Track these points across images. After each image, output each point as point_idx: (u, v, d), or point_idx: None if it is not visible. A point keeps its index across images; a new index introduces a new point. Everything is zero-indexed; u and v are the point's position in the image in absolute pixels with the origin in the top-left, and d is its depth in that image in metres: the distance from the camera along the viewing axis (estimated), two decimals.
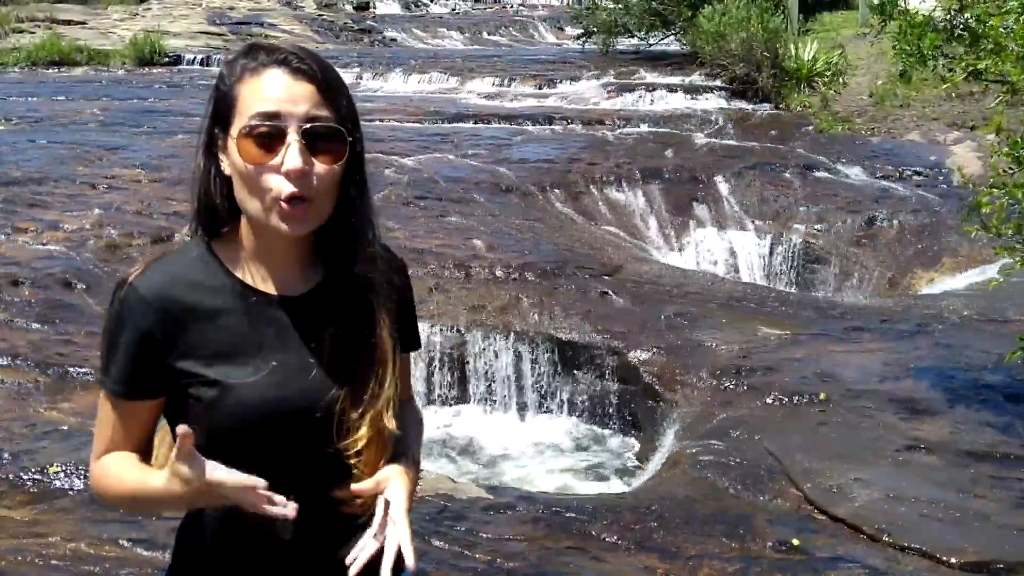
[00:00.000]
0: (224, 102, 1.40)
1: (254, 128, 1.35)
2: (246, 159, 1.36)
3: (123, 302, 1.39)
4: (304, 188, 1.36)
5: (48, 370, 4.43)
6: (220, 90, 1.42)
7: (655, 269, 6.35)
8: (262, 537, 1.41)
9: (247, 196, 1.38)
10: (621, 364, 5.04)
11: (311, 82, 1.38)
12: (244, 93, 1.38)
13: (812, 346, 5.05)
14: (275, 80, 1.37)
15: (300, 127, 1.36)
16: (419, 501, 3.65)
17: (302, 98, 1.37)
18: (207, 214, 1.45)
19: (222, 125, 1.41)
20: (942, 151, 8.49)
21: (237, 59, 1.42)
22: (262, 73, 1.38)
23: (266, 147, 1.36)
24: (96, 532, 3.21)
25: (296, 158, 1.34)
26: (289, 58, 1.39)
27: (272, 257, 1.44)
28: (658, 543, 3.39)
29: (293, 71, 1.38)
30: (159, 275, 1.40)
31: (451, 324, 5.28)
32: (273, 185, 1.36)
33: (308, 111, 1.36)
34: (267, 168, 1.36)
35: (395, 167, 7.82)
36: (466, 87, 11.60)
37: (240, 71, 1.40)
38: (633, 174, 8.03)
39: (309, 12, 19.19)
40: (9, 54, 13.75)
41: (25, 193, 6.68)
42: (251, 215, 1.40)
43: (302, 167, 1.35)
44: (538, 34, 18.78)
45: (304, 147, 1.36)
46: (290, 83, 1.37)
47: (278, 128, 1.35)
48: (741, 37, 10.16)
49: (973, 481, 3.69)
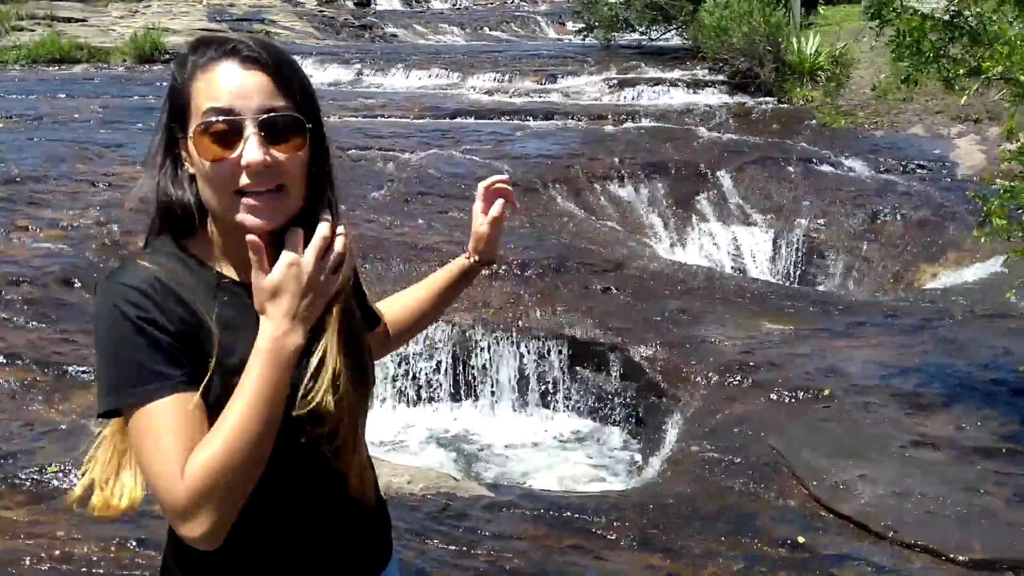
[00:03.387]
0: (178, 101, 1.37)
1: (210, 125, 1.32)
2: (204, 156, 1.33)
3: (119, 298, 1.31)
4: (267, 181, 1.33)
5: (46, 369, 4.41)
6: (173, 89, 1.39)
7: (658, 265, 6.32)
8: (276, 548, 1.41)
9: (210, 193, 1.36)
10: (624, 360, 5.01)
11: (263, 71, 1.35)
12: (197, 90, 1.35)
13: (816, 341, 5.02)
14: (226, 73, 1.34)
15: (256, 119, 1.33)
16: (420, 499, 3.63)
17: (255, 89, 1.34)
18: (173, 215, 1.41)
19: (180, 124, 1.38)
20: (946, 145, 8.46)
21: (187, 56, 1.38)
22: (213, 68, 1.35)
23: (224, 143, 1.33)
24: (94, 532, 3.19)
25: (255, 151, 1.32)
26: (239, 47, 1.35)
27: (242, 252, 1.38)
28: (661, 541, 3.36)
29: (243, 61, 1.34)
30: (141, 268, 1.35)
31: (453, 321, 5.25)
32: (234, 178, 1.33)
33: (262, 102, 1.33)
34: (227, 163, 1.33)
35: (396, 163, 7.79)
36: (467, 83, 11.56)
37: (191, 68, 1.36)
38: (635, 169, 8.00)
39: (309, 8, 19.17)
40: (9, 52, 13.73)
41: (24, 191, 6.66)
42: (216, 212, 1.37)
43: (261, 159, 1.32)
44: (539, 29, 18.76)
45: (263, 139, 1.33)
46: (242, 74, 1.34)
47: (233, 123, 1.32)
48: (743, 31, 10.13)
49: (980, 477, 3.66)
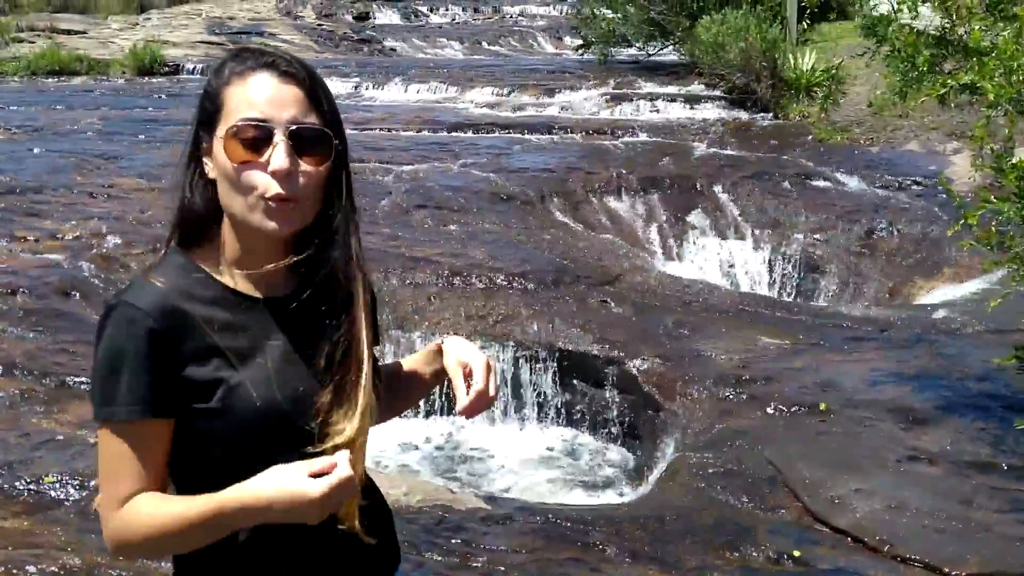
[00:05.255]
0: (211, 104, 1.41)
1: (241, 128, 1.36)
2: (232, 159, 1.37)
3: (122, 321, 1.35)
4: (289, 188, 1.37)
5: (44, 380, 4.41)
6: (207, 93, 1.42)
7: (654, 278, 6.33)
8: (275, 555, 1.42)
9: (232, 195, 1.39)
10: (621, 374, 5.02)
11: (298, 86, 1.39)
12: (231, 95, 1.39)
13: (812, 356, 5.03)
14: (263, 83, 1.38)
15: (287, 129, 1.37)
16: (416, 512, 3.63)
17: (289, 101, 1.38)
18: (188, 221, 1.45)
19: (207, 128, 1.41)
20: (941, 161, 8.49)
21: (225, 62, 1.43)
22: (249, 76, 1.39)
23: (253, 148, 1.36)
24: (90, 543, 3.18)
25: (283, 158, 1.35)
26: (277, 62, 1.40)
27: (255, 260, 1.43)
28: (658, 554, 3.37)
29: (281, 75, 1.39)
30: (151, 288, 1.38)
31: (450, 333, 5.25)
32: (259, 183, 1.36)
33: (295, 114, 1.38)
34: (253, 167, 1.36)
35: (394, 176, 7.82)
36: (465, 97, 11.60)
37: (228, 74, 1.41)
38: (632, 183, 8.03)
39: (309, 22, 19.25)
40: (9, 63, 13.76)
41: (23, 202, 6.68)
42: (235, 214, 1.40)
43: (288, 167, 1.36)
44: (537, 44, 18.82)
45: (291, 148, 1.37)
46: (278, 86, 1.38)
47: (265, 129, 1.36)
48: (740, 47, 10.18)
49: (974, 491, 3.67)
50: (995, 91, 3.09)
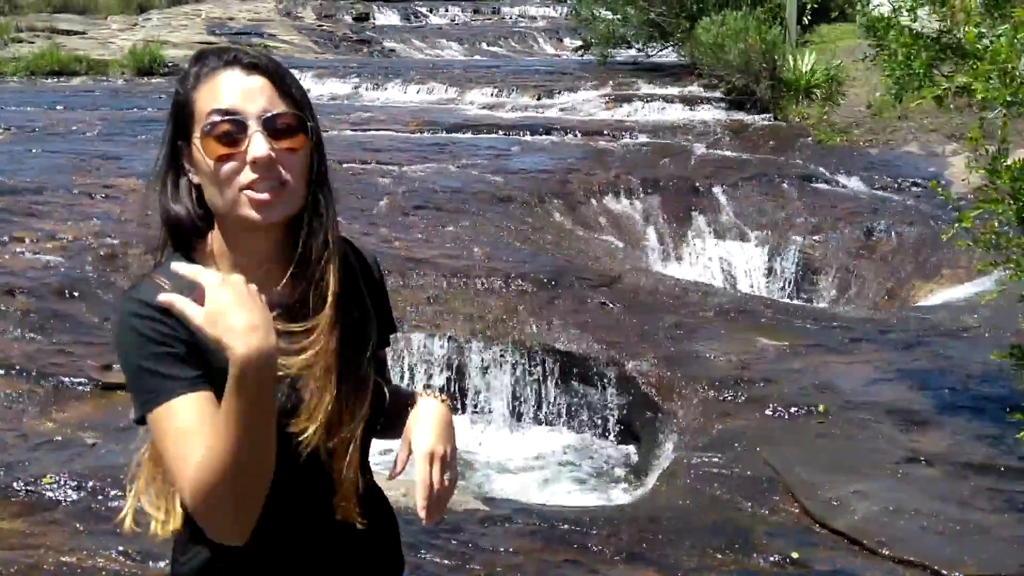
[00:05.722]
0: (183, 112, 1.42)
1: (216, 125, 1.37)
2: (211, 156, 1.38)
3: (136, 316, 1.35)
4: (272, 175, 1.38)
5: (42, 381, 4.41)
6: (177, 103, 1.43)
7: (653, 280, 6.33)
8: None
9: (216, 192, 1.39)
10: (619, 375, 5.02)
11: (265, 76, 1.41)
12: (201, 98, 1.40)
13: (811, 357, 5.04)
14: (230, 79, 1.40)
15: (260, 118, 1.38)
16: (415, 513, 3.62)
17: (258, 92, 1.39)
18: (177, 228, 1.45)
19: (184, 136, 1.42)
20: (940, 162, 8.50)
21: (189, 68, 1.44)
22: (215, 76, 1.40)
23: (230, 142, 1.37)
24: (88, 544, 3.19)
25: (262, 146, 1.37)
26: (240, 56, 1.42)
27: (249, 259, 1.43)
28: (656, 555, 3.36)
29: (245, 68, 1.41)
30: (157, 287, 1.38)
31: (449, 334, 5.26)
32: (240, 176, 1.37)
33: (265, 104, 1.39)
34: (232, 160, 1.37)
35: (393, 177, 7.82)
36: (465, 97, 11.61)
37: (194, 78, 1.42)
38: (631, 184, 8.03)
39: (308, 23, 19.24)
40: (8, 64, 13.76)
41: (22, 202, 6.66)
42: (222, 210, 1.40)
43: (267, 154, 1.37)
44: (537, 45, 18.83)
45: (267, 136, 1.38)
46: (244, 79, 1.40)
47: (239, 123, 1.37)
48: (739, 48, 10.18)
49: (973, 493, 3.67)
50: (985, 93, 3.09)
